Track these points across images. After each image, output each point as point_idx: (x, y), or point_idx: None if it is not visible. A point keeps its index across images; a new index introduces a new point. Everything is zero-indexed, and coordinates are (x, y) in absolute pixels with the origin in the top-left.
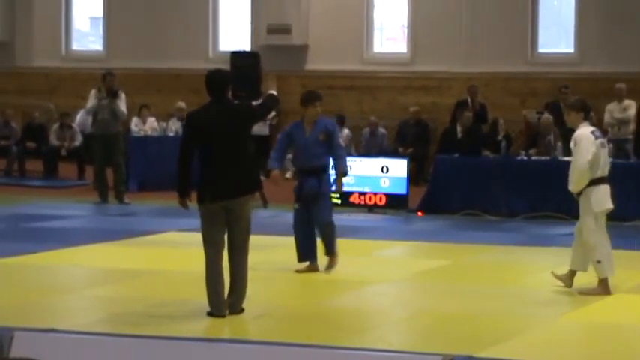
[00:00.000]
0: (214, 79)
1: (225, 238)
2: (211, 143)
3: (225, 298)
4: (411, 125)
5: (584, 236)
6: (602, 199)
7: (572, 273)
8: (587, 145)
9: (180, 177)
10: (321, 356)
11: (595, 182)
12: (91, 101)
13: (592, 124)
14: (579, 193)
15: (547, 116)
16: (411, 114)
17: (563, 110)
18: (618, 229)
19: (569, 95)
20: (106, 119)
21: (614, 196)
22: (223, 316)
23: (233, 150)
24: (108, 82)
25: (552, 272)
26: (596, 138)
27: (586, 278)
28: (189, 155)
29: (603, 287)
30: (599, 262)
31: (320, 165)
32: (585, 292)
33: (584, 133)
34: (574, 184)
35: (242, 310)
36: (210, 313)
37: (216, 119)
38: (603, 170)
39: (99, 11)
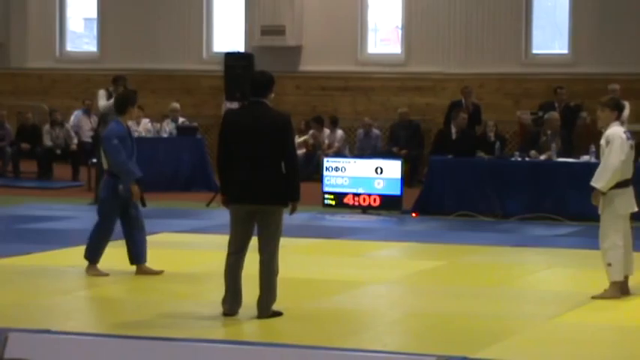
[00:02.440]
0: (254, 80)
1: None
2: (240, 144)
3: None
4: (402, 127)
5: (600, 237)
6: (626, 202)
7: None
8: (620, 144)
9: (220, 176)
10: (316, 357)
11: (621, 184)
12: (102, 101)
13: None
14: (603, 193)
15: (554, 113)
16: (399, 115)
17: (559, 110)
18: None
19: (565, 96)
20: None
21: None
22: (231, 314)
23: (261, 154)
24: (120, 87)
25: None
26: (627, 139)
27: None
28: (227, 153)
29: (614, 290)
30: (609, 265)
31: None
32: (599, 297)
33: (617, 132)
34: (604, 183)
35: (275, 313)
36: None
37: (248, 121)
38: (630, 172)
39: (93, 12)
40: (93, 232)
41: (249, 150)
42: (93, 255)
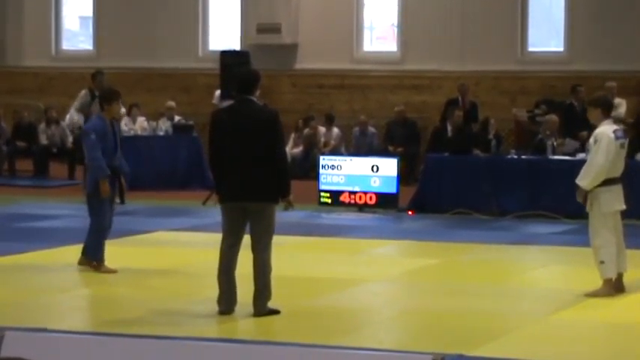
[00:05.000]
0: (241, 78)
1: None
2: (230, 143)
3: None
4: (399, 124)
5: (590, 236)
6: (612, 199)
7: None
8: (607, 144)
9: (214, 175)
10: (311, 356)
11: (607, 182)
12: (79, 101)
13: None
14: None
15: (553, 115)
16: (396, 114)
17: (579, 110)
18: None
19: (584, 94)
20: None
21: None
22: (227, 312)
23: (250, 152)
24: (98, 81)
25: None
26: (617, 138)
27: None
28: (217, 152)
29: (607, 288)
30: (602, 262)
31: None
32: (591, 294)
33: (606, 131)
34: (588, 181)
35: (272, 311)
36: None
37: (235, 118)
38: (618, 170)
39: (89, 11)
40: (89, 231)
41: (238, 148)
42: (95, 253)
